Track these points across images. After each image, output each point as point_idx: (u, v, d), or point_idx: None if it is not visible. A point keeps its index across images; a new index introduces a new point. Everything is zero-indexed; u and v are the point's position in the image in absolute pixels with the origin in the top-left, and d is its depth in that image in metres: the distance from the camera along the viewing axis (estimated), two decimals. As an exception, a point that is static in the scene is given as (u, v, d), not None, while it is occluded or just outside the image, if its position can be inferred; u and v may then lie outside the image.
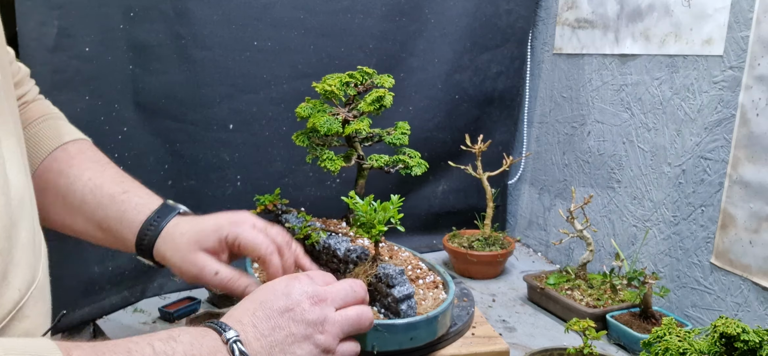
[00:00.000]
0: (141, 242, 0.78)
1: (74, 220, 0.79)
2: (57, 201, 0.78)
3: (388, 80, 1.09)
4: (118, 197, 0.79)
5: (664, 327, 0.82)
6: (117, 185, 0.81)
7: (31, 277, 0.58)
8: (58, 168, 0.79)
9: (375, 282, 0.87)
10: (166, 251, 0.78)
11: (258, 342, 0.60)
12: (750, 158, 1.08)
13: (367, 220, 0.84)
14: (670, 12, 1.25)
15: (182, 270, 0.79)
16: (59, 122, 0.84)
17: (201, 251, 0.78)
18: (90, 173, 0.80)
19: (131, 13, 1.19)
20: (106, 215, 0.78)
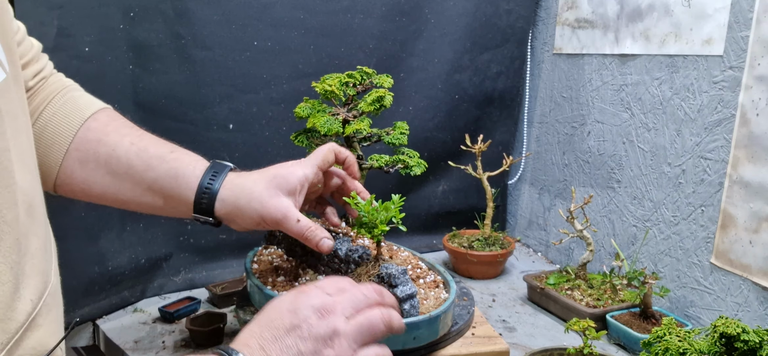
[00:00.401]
0: (201, 197, 0.77)
1: (120, 187, 0.77)
2: (99, 170, 0.76)
3: (387, 80, 1.09)
4: (168, 157, 0.78)
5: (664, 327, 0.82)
6: (162, 146, 0.80)
7: (43, 285, 0.56)
8: (95, 137, 0.77)
9: (377, 282, 0.87)
10: (237, 200, 0.77)
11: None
12: (750, 158, 1.08)
13: (369, 220, 0.84)
14: (670, 12, 1.25)
15: (263, 216, 0.78)
16: (81, 92, 0.83)
17: (284, 195, 0.77)
18: (130, 137, 0.79)
19: (131, 13, 1.19)
20: (157, 176, 0.77)
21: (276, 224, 0.78)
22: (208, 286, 1.29)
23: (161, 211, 0.80)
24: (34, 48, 0.78)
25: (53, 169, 0.75)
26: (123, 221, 1.24)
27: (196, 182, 0.77)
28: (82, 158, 0.76)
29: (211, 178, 0.78)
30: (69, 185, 0.77)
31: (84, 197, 0.78)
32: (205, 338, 1.07)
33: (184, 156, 0.80)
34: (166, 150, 0.79)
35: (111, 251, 1.22)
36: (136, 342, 1.10)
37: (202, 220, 0.79)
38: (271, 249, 1.07)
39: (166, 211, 0.80)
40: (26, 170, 0.56)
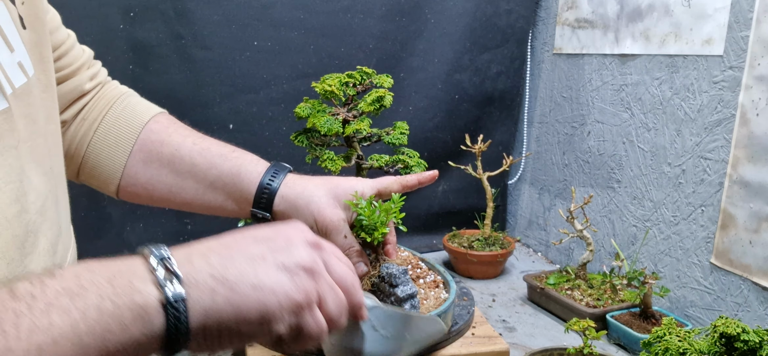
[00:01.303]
0: (261, 193, 0.78)
1: (184, 185, 0.80)
2: (163, 170, 0.79)
3: (387, 80, 1.09)
4: (230, 155, 0.81)
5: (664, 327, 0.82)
6: (223, 146, 0.82)
7: None
8: (158, 139, 0.80)
9: (378, 282, 0.87)
10: (297, 199, 0.78)
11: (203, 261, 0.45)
12: (750, 158, 1.08)
13: (369, 222, 0.84)
14: (670, 12, 1.25)
15: (317, 221, 0.78)
16: (139, 98, 0.86)
17: (341, 208, 0.79)
18: (192, 138, 0.81)
19: (131, 14, 1.19)
20: (220, 173, 0.79)
21: (325, 232, 0.80)
22: (208, 286, 1.29)
23: (219, 210, 0.82)
24: (85, 53, 0.81)
25: (117, 172, 0.78)
26: (123, 222, 1.24)
27: (257, 178, 0.79)
28: (146, 159, 0.79)
29: (272, 177, 0.80)
30: (133, 187, 0.80)
31: (147, 198, 0.81)
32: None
33: (245, 155, 0.83)
34: (228, 150, 0.82)
35: (111, 251, 1.22)
36: (136, 342, 1.10)
37: (260, 215, 0.80)
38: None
39: (224, 209, 0.82)
40: (41, 171, 0.57)
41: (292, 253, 0.48)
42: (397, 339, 0.67)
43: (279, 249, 0.48)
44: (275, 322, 0.45)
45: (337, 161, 1.02)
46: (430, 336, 0.76)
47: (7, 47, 0.53)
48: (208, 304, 0.43)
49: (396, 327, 0.66)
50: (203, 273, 0.44)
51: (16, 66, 0.55)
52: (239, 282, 0.44)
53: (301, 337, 0.48)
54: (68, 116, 0.78)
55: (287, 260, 0.47)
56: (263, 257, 0.47)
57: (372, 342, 0.64)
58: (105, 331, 0.39)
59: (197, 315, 0.42)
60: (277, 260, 0.47)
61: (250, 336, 0.45)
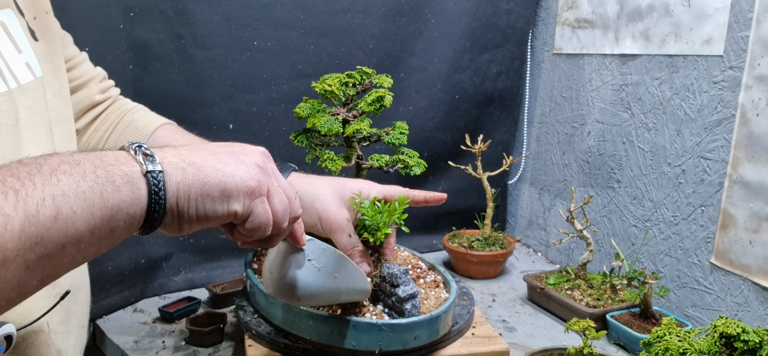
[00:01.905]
0: None
1: None
2: None
3: (386, 80, 1.09)
4: None
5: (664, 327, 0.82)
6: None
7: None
8: (165, 144, 0.83)
9: (379, 282, 0.87)
10: (302, 197, 0.80)
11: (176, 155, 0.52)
12: (750, 158, 1.08)
13: (372, 223, 0.84)
14: (670, 12, 1.25)
15: (322, 219, 0.81)
16: (148, 110, 0.92)
17: (344, 207, 0.81)
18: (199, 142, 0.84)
19: (131, 13, 1.19)
20: None
21: (329, 231, 0.82)
22: (208, 286, 1.29)
23: None
24: (98, 71, 0.88)
25: None
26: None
27: None
28: None
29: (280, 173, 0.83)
30: None
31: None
32: (205, 338, 1.07)
33: None
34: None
35: (111, 251, 1.22)
36: (136, 342, 1.10)
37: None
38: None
39: None
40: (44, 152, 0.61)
41: (248, 154, 0.57)
42: (328, 275, 0.72)
43: (237, 151, 0.56)
44: (232, 200, 0.53)
45: (337, 161, 1.02)
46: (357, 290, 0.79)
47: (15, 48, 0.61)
48: (179, 178, 0.50)
49: (328, 262, 0.71)
50: (175, 157, 0.52)
51: (24, 66, 0.61)
52: (204, 165, 0.52)
53: (252, 223, 0.55)
54: (81, 126, 0.84)
55: (244, 157, 0.56)
56: (223, 153, 0.55)
57: (305, 271, 0.69)
58: (102, 189, 0.46)
59: (171, 186, 0.50)
60: (235, 156, 0.55)
61: (213, 213, 0.52)
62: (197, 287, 1.35)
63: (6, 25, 0.61)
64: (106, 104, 0.88)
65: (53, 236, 0.42)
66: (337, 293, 0.75)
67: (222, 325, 1.09)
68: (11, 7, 0.62)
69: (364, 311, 0.86)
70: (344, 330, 0.82)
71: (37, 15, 0.67)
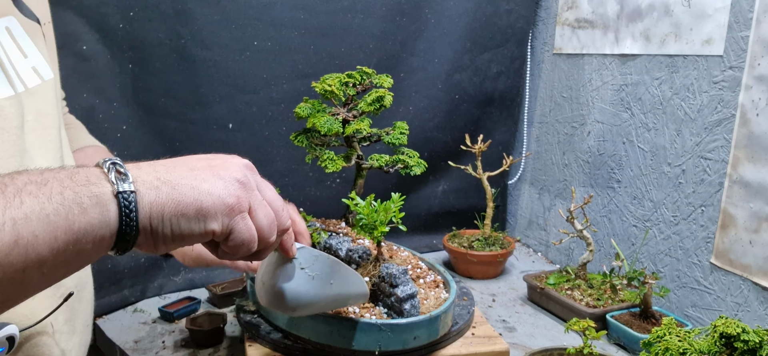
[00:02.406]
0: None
1: None
2: None
3: (387, 80, 1.09)
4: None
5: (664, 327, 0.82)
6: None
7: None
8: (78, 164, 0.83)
9: (378, 282, 0.87)
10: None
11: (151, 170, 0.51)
12: (750, 158, 1.08)
13: (368, 221, 0.84)
14: (670, 12, 1.25)
15: (198, 255, 0.84)
16: (80, 130, 0.90)
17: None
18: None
19: (131, 13, 1.19)
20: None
21: (194, 260, 0.86)
22: (208, 286, 1.29)
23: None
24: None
25: None
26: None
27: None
28: None
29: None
30: None
31: None
32: (205, 338, 1.07)
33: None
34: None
35: (111, 250, 1.22)
36: (136, 341, 1.10)
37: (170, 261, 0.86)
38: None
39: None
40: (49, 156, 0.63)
41: (228, 168, 0.54)
42: (323, 283, 0.70)
43: (217, 165, 0.54)
44: (210, 219, 0.51)
45: (338, 161, 1.01)
46: (354, 295, 0.77)
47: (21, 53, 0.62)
48: (153, 198, 0.49)
49: (322, 269, 0.69)
50: (150, 175, 0.50)
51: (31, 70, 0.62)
52: (180, 183, 0.50)
53: (234, 240, 0.53)
54: None
55: (223, 173, 0.53)
56: (202, 168, 0.53)
57: (298, 281, 0.67)
58: (68, 212, 0.44)
59: (144, 207, 0.48)
60: (214, 171, 0.53)
61: (189, 233, 0.51)
62: (197, 287, 1.35)
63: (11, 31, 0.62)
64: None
65: (13, 260, 0.41)
66: (334, 299, 0.74)
67: (222, 325, 1.09)
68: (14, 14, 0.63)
69: (363, 311, 0.86)
70: (344, 330, 0.82)
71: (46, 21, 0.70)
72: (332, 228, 1.04)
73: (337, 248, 0.93)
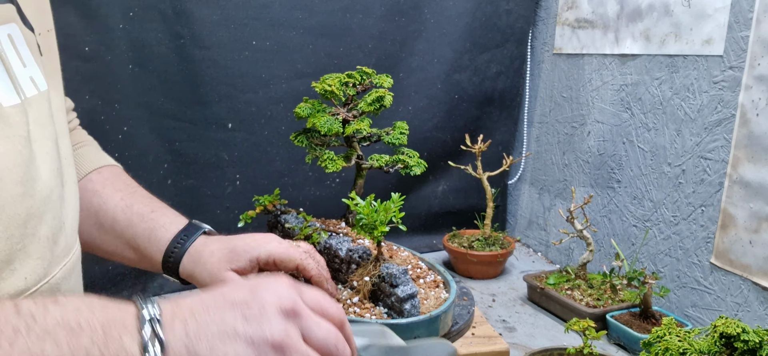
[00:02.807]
0: (167, 259, 0.80)
1: (105, 239, 0.82)
2: (89, 219, 0.81)
3: (387, 80, 1.09)
4: (148, 216, 0.82)
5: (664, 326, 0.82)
6: (146, 205, 0.83)
7: (42, 271, 0.59)
8: (92, 188, 0.82)
9: (378, 282, 0.87)
10: (194, 268, 0.80)
11: (182, 327, 0.47)
12: (750, 158, 1.08)
13: (368, 221, 0.84)
14: (670, 12, 1.25)
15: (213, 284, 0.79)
16: (94, 148, 0.89)
17: (231, 270, 0.79)
18: (121, 194, 0.83)
19: (131, 13, 1.19)
20: (135, 234, 0.81)
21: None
22: (207, 286, 1.29)
23: (141, 266, 0.84)
24: (68, 102, 0.85)
25: None
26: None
27: (166, 244, 0.81)
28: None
29: (180, 240, 0.81)
30: None
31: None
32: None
33: (162, 217, 0.83)
34: (148, 209, 0.83)
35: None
36: (136, 342, 1.10)
37: (171, 280, 0.83)
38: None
39: (146, 267, 0.84)
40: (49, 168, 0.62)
41: (263, 326, 0.49)
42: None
43: (251, 318, 0.49)
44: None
45: (338, 161, 1.01)
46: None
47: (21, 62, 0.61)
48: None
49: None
50: (180, 342, 0.46)
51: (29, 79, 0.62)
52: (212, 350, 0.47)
53: None
54: None
55: (257, 335, 0.48)
56: (235, 332, 0.48)
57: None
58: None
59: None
60: (247, 333, 0.48)
61: None
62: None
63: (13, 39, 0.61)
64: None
65: None
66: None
67: (221, 325, 1.09)
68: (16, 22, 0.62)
69: (364, 311, 0.86)
70: (344, 330, 0.82)
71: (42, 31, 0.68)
72: (332, 228, 1.04)
73: (337, 248, 0.93)
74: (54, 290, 0.62)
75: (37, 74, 0.64)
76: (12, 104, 0.56)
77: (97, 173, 0.84)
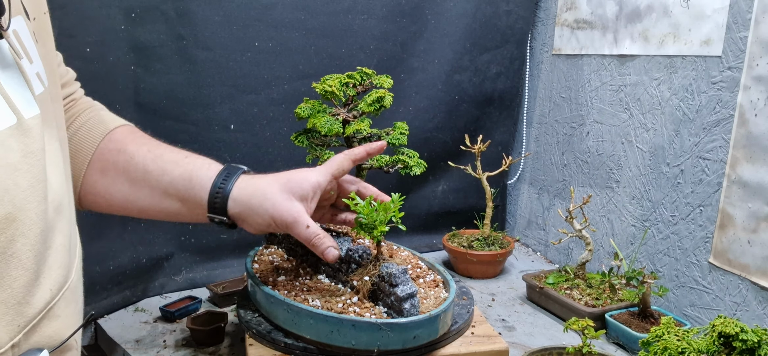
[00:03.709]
0: (214, 197, 0.79)
1: (140, 194, 0.80)
2: (118, 178, 0.80)
3: (387, 81, 1.09)
4: (182, 162, 0.81)
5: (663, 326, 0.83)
6: (176, 153, 0.83)
7: (63, 279, 0.59)
8: (115, 148, 0.81)
9: (378, 282, 0.87)
10: (248, 201, 0.79)
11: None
12: (748, 158, 1.09)
13: (368, 221, 0.84)
14: (668, 13, 1.26)
15: (273, 217, 0.79)
16: (105, 111, 0.88)
17: (297, 200, 0.79)
18: (148, 146, 0.82)
19: (132, 14, 1.19)
20: (172, 180, 0.79)
21: (286, 227, 0.80)
22: (209, 285, 1.30)
23: (180, 216, 0.82)
24: (68, 74, 0.84)
25: (77, 180, 0.79)
26: (124, 221, 1.25)
27: (209, 182, 0.80)
28: (103, 168, 0.79)
29: (225, 179, 0.80)
30: (92, 196, 0.80)
31: (107, 207, 0.81)
32: (206, 337, 1.08)
33: (197, 160, 0.82)
34: (181, 155, 0.82)
35: (112, 250, 1.23)
36: (138, 341, 1.11)
37: (217, 220, 0.81)
38: (271, 249, 1.07)
39: (184, 215, 0.82)
40: (58, 172, 0.61)
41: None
42: None
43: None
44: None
45: (338, 161, 1.02)
46: None
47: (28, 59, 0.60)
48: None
49: None
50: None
51: (36, 76, 0.60)
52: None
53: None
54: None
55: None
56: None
57: None
58: None
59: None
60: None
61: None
62: (198, 286, 1.35)
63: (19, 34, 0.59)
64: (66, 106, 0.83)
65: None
66: None
67: (223, 324, 1.10)
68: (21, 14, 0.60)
69: (364, 310, 0.87)
70: (344, 329, 0.83)
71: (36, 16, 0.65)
72: (332, 228, 1.05)
73: (337, 248, 0.94)
74: (74, 293, 0.63)
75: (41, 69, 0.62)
76: (32, 115, 0.55)
77: (115, 132, 0.82)
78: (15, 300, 0.52)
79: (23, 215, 0.52)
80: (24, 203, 0.52)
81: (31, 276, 0.54)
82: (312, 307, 0.85)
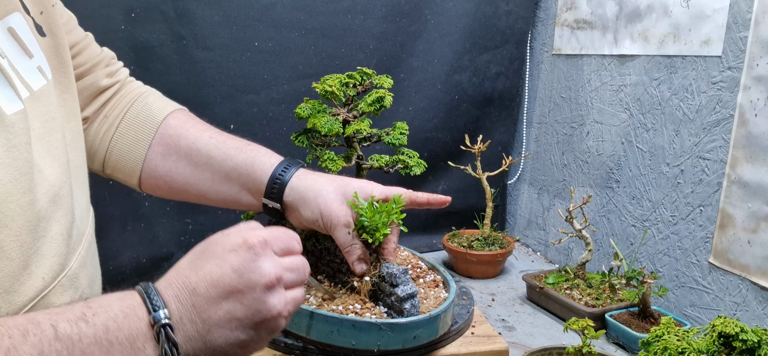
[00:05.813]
0: (273, 183, 0.82)
1: (201, 177, 0.84)
2: (180, 162, 0.83)
3: (387, 81, 1.09)
4: (245, 148, 0.85)
5: (663, 326, 0.83)
6: (238, 140, 0.86)
7: (59, 267, 0.60)
8: (175, 133, 0.84)
9: (378, 281, 0.87)
10: (304, 194, 0.81)
11: (193, 327, 0.52)
12: (748, 158, 1.09)
13: (370, 224, 0.84)
14: (668, 13, 1.26)
15: (323, 214, 0.81)
16: (159, 95, 0.91)
17: (344, 203, 0.82)
18: (209, 132, 0.86)
19: (132, 14, 1.20)
20: (235, 165, 0.83)
21: (331, 226, 0.83)
22: (208, 286, 1.30)
23: (235, 202, 0.86)
24: (104, 53, 0.87)
25: (138, 165, 0.83)
26: (124, 221, 1.25)
27: (270, 170, 0.83)
28: (164, 152, 0.83)
29: (285, 168, 0.84)
30: (153, 180, 0.84)
31: (167, 190, 0.85)
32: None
33: (260, 148, 0.87)
34: (244, 143, 0.86)
35: (112, 250, 1.23)
36: (138, 341, 1.11)
37: (271, 206, 0.84)
38: (271, 249, 1.07)
39: (239, 200, 0.85)
40: (57, 164, 0.62)
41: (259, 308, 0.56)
42: None
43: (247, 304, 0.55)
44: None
45: (338, 161, 1.02)
46: None
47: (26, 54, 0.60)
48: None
49: None
50: (193, 337, 0.53)
51: (36, 70, 0.61)
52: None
53: (288, 309, 0.58)
54: (90, 113, 0.82)
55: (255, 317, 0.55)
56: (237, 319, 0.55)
57: None
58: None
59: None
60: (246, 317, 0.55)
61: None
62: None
63: (16, 31, 0.60)
64: (115, 89, 0.86)
65: None
66: None
67: (223, 324, 1.09)
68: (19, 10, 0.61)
69: (364, 310, 0.87)
70: (343, 329, 0.83)
71: (43, 9, 0.66)
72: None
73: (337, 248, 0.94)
74: (72, 281, 0.63)
75: (43, 62, 0.63)
76: (14, 111, 0.56)
77: (173, 116, 0.86)
78: (1, 288, 0.53)
79: (4, 206, 0.53)
80: (5, 196, 0.53)
81: (17, 265, 0.54)
82: (312, 307, 0.85)
